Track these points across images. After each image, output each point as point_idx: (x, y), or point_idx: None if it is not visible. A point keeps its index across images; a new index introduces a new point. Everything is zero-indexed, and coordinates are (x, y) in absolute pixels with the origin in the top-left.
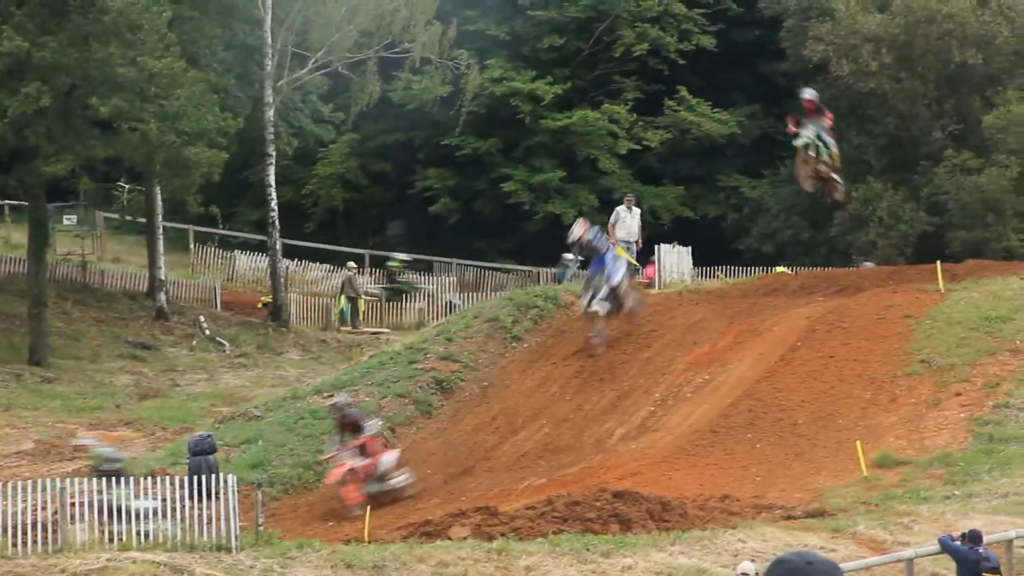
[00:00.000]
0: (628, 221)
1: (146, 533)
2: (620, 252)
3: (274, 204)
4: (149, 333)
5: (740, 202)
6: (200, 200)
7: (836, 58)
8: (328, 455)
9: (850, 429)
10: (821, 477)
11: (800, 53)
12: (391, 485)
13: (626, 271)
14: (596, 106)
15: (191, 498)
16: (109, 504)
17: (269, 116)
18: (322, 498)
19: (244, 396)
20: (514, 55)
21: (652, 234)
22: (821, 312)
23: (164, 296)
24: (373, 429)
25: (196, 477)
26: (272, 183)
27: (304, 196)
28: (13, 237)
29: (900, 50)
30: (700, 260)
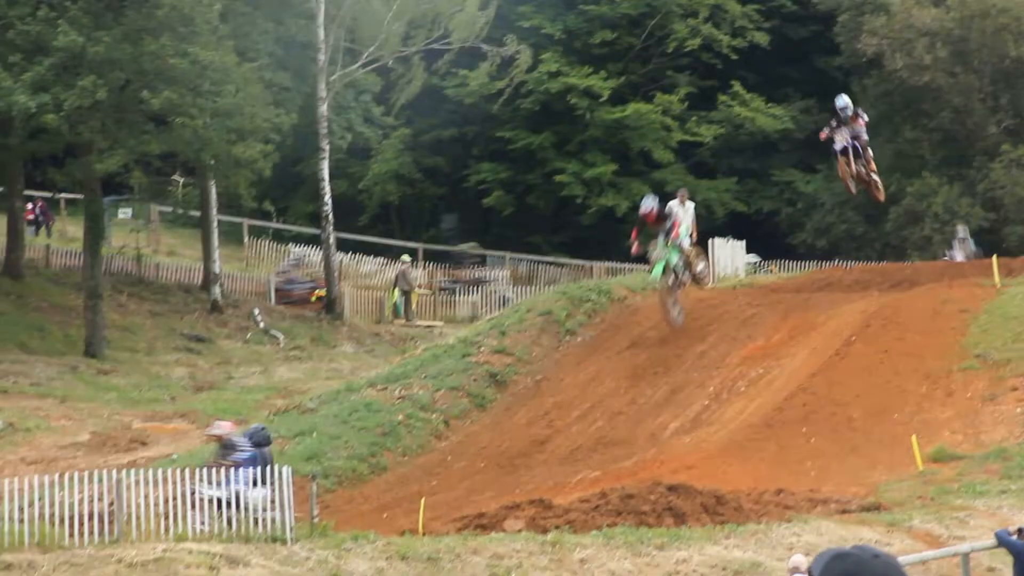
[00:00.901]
0: (681, 216)
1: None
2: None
3: (328, 198)
4: (204, 326)
5: (794, 197)
6: (254, 194)
7: (890, 52)
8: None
9: (905, 424)
10: (876, 471)
11: (854, 48)
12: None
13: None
14: (649, 100)
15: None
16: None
17: (323, 111)
18: (376, 490)
19: (298, 389)
20: (567, 50)
21: (706, 228)
22: (876, 307)
23: (219, 289)
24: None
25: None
26: (326, 177)
27: (360, 191)
28: (69, 230)
29: (955, 44)
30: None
